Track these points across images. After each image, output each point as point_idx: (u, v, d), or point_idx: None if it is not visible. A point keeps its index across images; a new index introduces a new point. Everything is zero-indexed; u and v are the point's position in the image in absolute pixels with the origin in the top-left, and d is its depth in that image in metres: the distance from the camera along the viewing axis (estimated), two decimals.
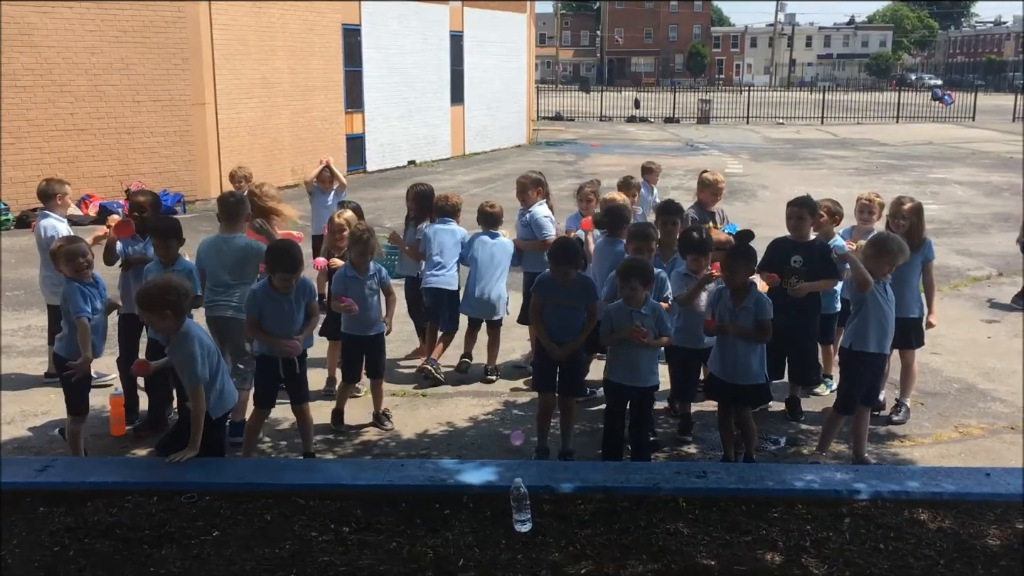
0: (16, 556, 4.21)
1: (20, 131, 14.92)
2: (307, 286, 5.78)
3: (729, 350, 5.60)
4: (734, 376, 5.60)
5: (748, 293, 5.58)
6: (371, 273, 6.41)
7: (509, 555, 4.21)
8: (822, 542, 4.32)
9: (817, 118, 41.94)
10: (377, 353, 6.58)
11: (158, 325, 5.04)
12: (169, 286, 5.00)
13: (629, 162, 22.36)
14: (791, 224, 6.46)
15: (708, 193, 7.88)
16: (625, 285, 5.50)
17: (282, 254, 5.63)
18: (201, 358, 4.96)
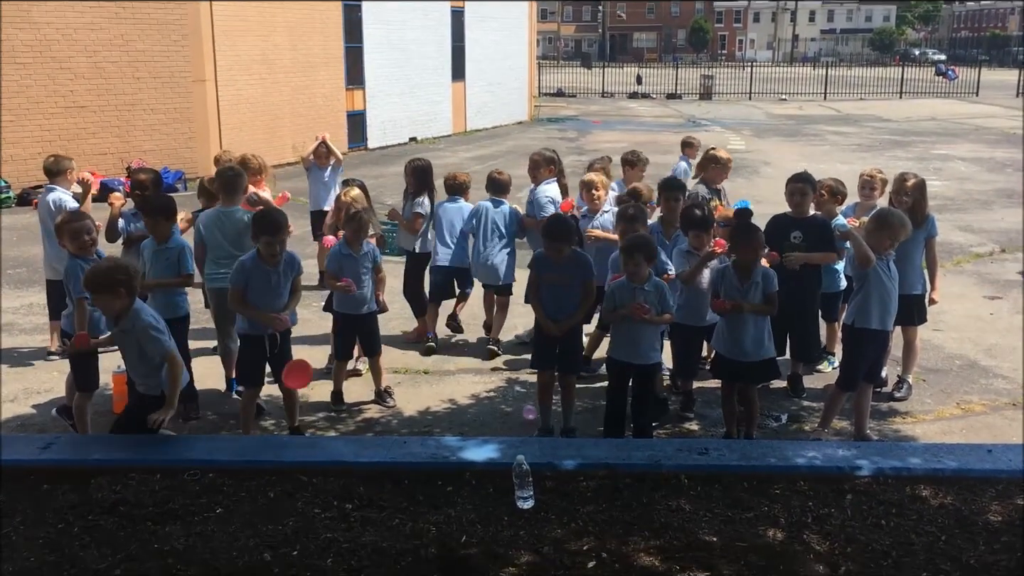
0: (20, 533, 4.23)
1: (20, 108, 14.86)
2: (295, 260, 5.78)
3: (741, 328, 5.57)
4: (750, 354, 5.59)
5: (754, 269, 5.57)
6: (365, 251, 6.41)
7: (512, 531, 4.22)
8: (824, 518, 4.34)
9: (820, 94, 41.72)
10: (371, 331, 6.59)
11: (113, 306, 4.91)
12: (117, 266, 4.99)
13: (631, 138, 22.30)
14: (791, 200, 6.45)
15: (717, 170, 7.88)
16: (629, 261, 5.48)
17: (264, 216, 5.75)
18: (159, 327, 4.95)
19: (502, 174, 7.81)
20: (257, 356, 5.75)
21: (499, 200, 7.71)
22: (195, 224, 6.69)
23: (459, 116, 26.28)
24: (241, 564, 3.93)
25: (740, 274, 5.57)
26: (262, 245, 5.58)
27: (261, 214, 5.90)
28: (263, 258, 5.60)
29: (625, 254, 5.54)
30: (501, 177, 7.76)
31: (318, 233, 9.73)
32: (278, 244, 5.57)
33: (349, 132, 21.20)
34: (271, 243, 5.55)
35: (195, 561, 3.95)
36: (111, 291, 4.84)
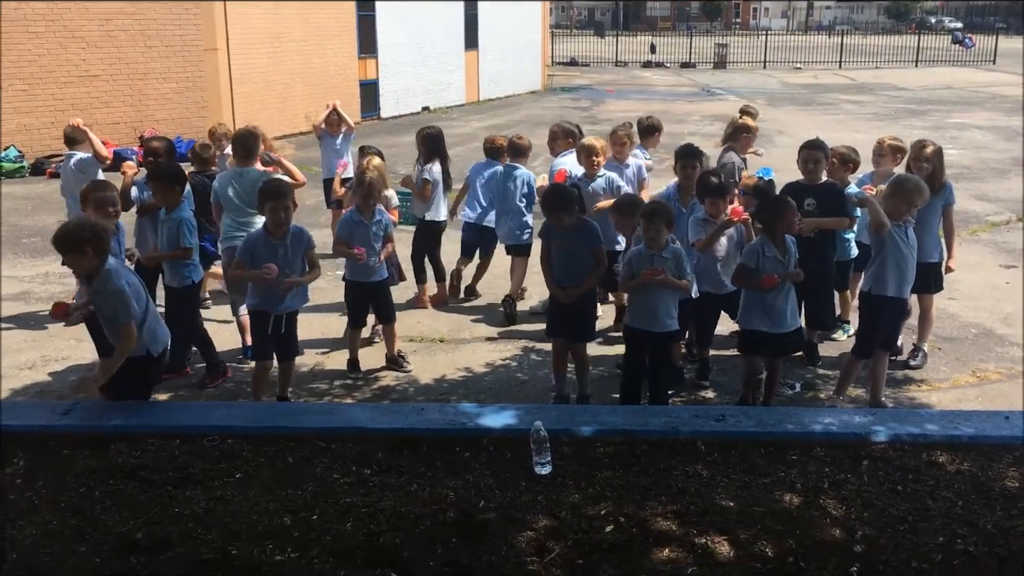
0: (43, 497, 4.28)
1: (33, 78, 14.86)
2: (303, 234, 5.71)
3: (783, 301, 5.57)
4: (788, 325, 5.62)
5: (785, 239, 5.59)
6: (376, 219, 6.41)
7: (529, 497, 4.24)
8: (840, 484, 4.34)
9: (835, 63, 41.24)
10: (383, 299, 6.60)
11: (80, 265, 4.89)
12: (84, 223, 4.94)
13: (645, 107, 22.12)
14: (804, 167, 6.42)
15: (748, 139, 7.97)
16: (650, 226, 5.46)
17: (267, 184, 5.80)
18: (128, 298, 4.85)
19: (522, 139, 8.06)
20: (264, 332, 5.72)
21: (515, 165, 7.88)
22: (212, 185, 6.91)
23: (472, 85, 26.14)
24: (261, 528, 3.96)
25: (780, 247, 5.55)
26: (267, 212, 5.56)
27: (264, 183, 5.93)
28: (270, 231, 5.58)
29: (645, 219, 5.52)
30: (521, 142, 8.01)
31: (331, 201, 9.76)
32: (282, 211, 5.52)
33: (362, 101, 21.12)
34: (275, 208, 5.50)
35: (215, 525, 3.99)
36: (77, 250, 4.79)
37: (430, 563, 3.72)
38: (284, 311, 5.69)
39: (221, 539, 3.87)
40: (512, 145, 8.01)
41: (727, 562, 3.72)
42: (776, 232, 5.53)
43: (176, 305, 6.30)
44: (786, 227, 5.56)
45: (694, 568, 3.67)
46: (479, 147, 8.45)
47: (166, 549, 3.80)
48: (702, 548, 3.81)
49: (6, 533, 3.95)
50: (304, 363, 6.69)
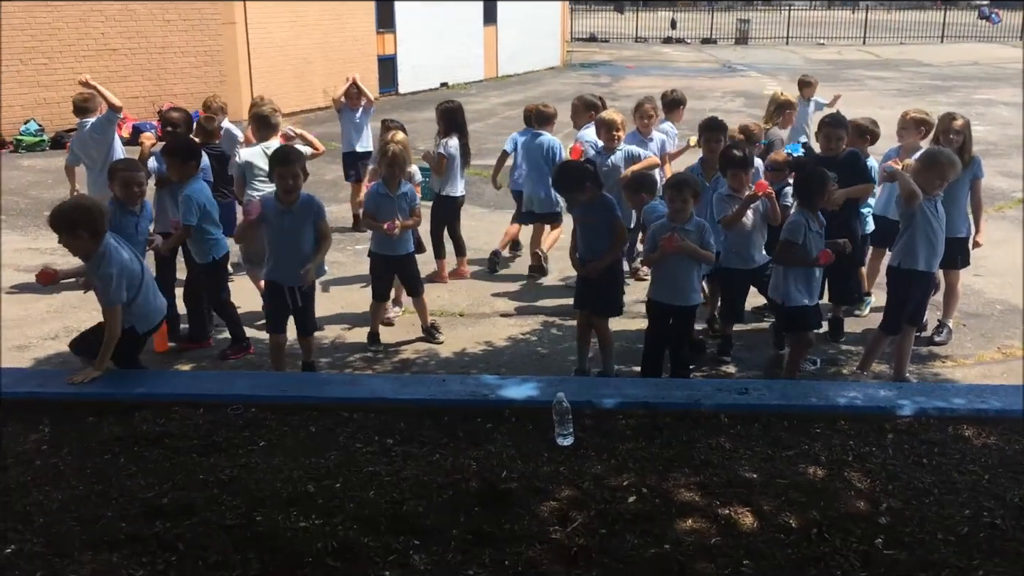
0: (68, 463, 4.31)
1: (52, 51, 14.89)
2: (312, 203, 5.65)
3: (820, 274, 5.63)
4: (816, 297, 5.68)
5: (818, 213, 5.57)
6: (402, 192, 6.39)
7: (551, 467, 4.24)
8: (865, 457, 4.31)
9: (859, 38, 40.70)
10: (410, 272, 6.59)
11: (75, 247, 4.94)
12: (78, 206, 4.96)
13: (665, 83, 21.88)
14: (826, 144, 6.37)
15: (791, 115, 8.01)
16: (676, 197, 5.43)
17: (276, 151, 5.82)
18: (118, 279, 4.89)
19: (548, 107, 8.23)
20: (279, 304, 5.68)
21: (540, 132, 8.01)
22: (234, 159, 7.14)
23: (491, 61, 25.99)
24: (285, 495, 3.98)
25: (818, 221, 5.51)
26: (276, 178, 5.53)
27: (274, 150, 5.96)
28: (280, 198, 5.55)
29: (673, 189, 5.49)
30: (547, 110, 8.17)
31: (350, 173, 9.78)
32: (291, 177, 5.46)
33: (380, 77, 21.03)
34: (284, 175, 5.46)
35: (240, 492, 4.01)
36: (71, 233, 4.84)
37: (453, 531, 3.72)
38: (298, 284, 5.65)
39: (246, 505, 3.89)
40: (538, 113, 8.14)
41: (751, 533, 3.70)
42: (815, 206, 5.48)
43: (199, 280, 6.33)
44: (826, 201, 5.54)
45: (718, 538, 3.65)
46: (497, 123, 8.54)
47: (191, 515, 3.82)
48: (725, 519, 3.79)
49: (33, 498, 3.98)
50: (325, 336, 6.72)
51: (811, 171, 5.60)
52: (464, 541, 3.66)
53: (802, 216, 5.49)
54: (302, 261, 5.55)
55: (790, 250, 5.49)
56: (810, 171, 5.61)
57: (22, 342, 6.58)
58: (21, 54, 14.64)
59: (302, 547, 3.59)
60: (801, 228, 5.45)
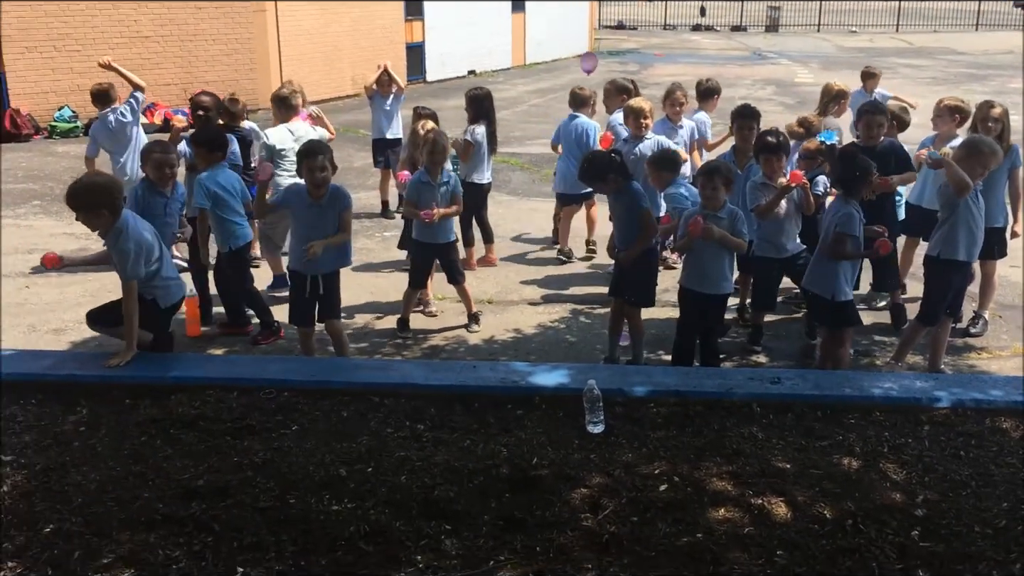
0: (106, 444, 4.37)
1: (86, 38, 15.02)
2: (339, 194, 5.60)
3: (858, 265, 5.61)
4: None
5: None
6: (444, 180, 6.39)
7: (582, 455, 4.24)
8: (900, 448, 4.27)
9: (892, 26, 40.17)
10: (451, 260, 6.60)
11: (95, 224, 5.01)
12: (95, 183, 5.01)
13: (694, 71, 21.75)
14: (867, 132, 6.29)
15: (845, 104, 7.87)
16: (707, 184, 5.40)
17: (303, 144, 5.80)
18: (136, 255, 4.95)
19: (583, 89, 8.26)
20: (302, 295, 5.65)
21: (576, 114, 8.06)
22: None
23: (519, 49, 25.90)
24: (318, 479, 4.00)
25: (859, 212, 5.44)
26: (304, 172, 5.50)
27: (303, 144, 5.95)
28: (309, 191, 5.51)
29: (704, 176, 5.46)
30: (583, 92, 8.20)
31: (379, 159, 9.84)
32: (318, 170, 5.42)
33: (408, 64, 21.03)
34: (312, 168, 5.42)
35: (273, 475, 4.04)
36: (91, 210, 4.92)
37: (484, 517, 3.73)
38: (320, 272, 5.59)
39: (279, 488, 3.92)
40: (573, 96, 8.23)
41: (784, 523, 3.68)
42: (859, 195, 5.41)
43: (223, 266, 6.37)
44: (870, 190, 5.48)
45: (751, 528, 3.64)
46: (525, 111, 8.56)
47: (226, 497, 3.85)
48: (758, 509, 3.77)
49: (71, 478, 4.04)
50: (354, 323, 6.75)
51: (855, 160, 5.48)
52: (495, 527, 3.67)
53: (851, 207, 5.36)
54: (331, 254, 5.54)
55: (846, 243, 5.33)
56: (854, 160, 5.49)
57: (58, 325, 6.66)
58: (55, 41, 14.78)
59: (335, 530, 3.61)
60: (855, 220, 5.31)
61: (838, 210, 5.39)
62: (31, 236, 8.91)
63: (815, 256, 5.56)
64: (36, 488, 3.95)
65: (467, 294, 6.71)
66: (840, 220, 5.33)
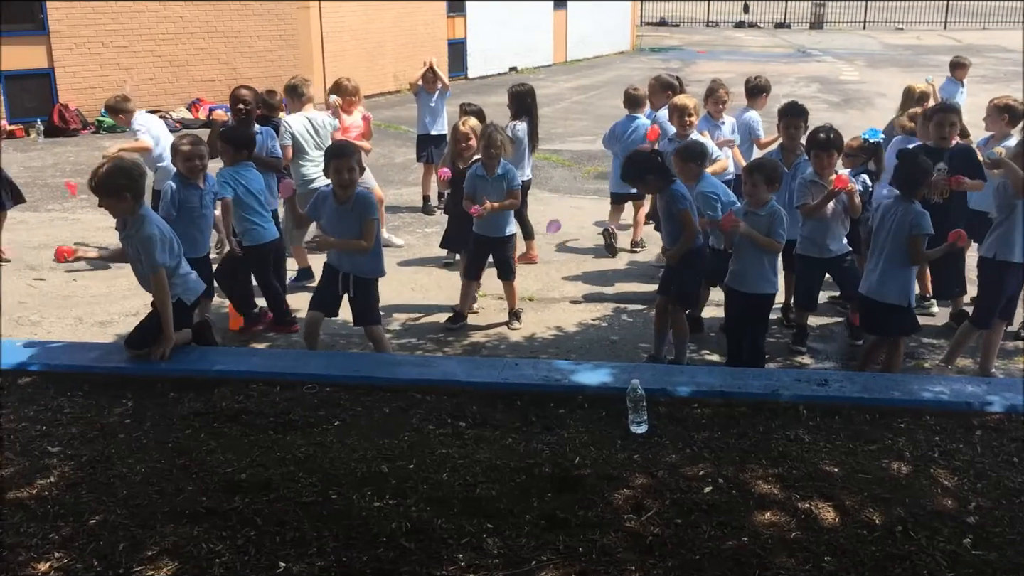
0: (151, 437, 4.41)
1: (133, 34, 15.22)
2: (365, 201, 5.45)
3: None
4: None
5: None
6: (500, 174, 6.37)
7: (625, 455, 4.19)
8: (952, 453, 4.17)
9: (939, 23, 39.45)
10: (503, 255, 6.58)
11: (117, 208, 5.02)
12: (119, 168, 4.99)
13: (737, 68, 21.56)
14: (937, 131, 6.14)
15: (927, 106, 7.56)
16: (747, 180, 5.36)
17: (332, 145, 5.78)
18: (161, 241, 4.95)
19: (638, 90, 8.26)
20: (331, 286, 5.58)
21: (635, 115, 8.07)
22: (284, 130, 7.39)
23: (560, 45, 25.82)
24: (359, 474, 4.00)
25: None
26: (332, 172, 5.41)
27: (329, 145, 5.91)
28: (336, 193, 5.45)
29: (745, 172, 5.43)
30: (637, 92, 8.20)
31: (422, 154, 9.90)
32: (346, 171, 5.34)
33: (450, 61, 21.02)
34: (339, 168, 5.33)
35: (315, 469, 4.04)
36: (115, 195, 4.92)
37: (526, 516, 3.70)
38: (351, 272, 5.51)
39: (321, 484, 3.92)
40: (628, 96, 8.24)
41: (832, 528, 3.61)
42: (920, 196, 5.27)
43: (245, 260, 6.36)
44: (938, 191, 5.36)
45: (797, 532, 3.57)
46: (566, 107, 8.55)
47: (269, 491, 3.87)
48: (805, 513, 3.70)
49: (117, 470, 4.08)
50: (396, 320, 6.76)
51: (914, 160, 5.32)
52: (537, 526, 3.64)
53: (916, 206, 5.18)
54: (358, 255, 5.47)
55: (922, 244, 5.17)
56: (913, 160, 5.33)
57: (104, 318, 6.75)
58: (103, 37, 14.99)
59: (376, 526, 3.61)
60: (927, 219, 5.14)
61: (903, 213, 5.18)
62: (78, 230, 9.04)
63: (879, 262, 5.29)
64: (82, 479, 4.00)
65: (513, 291, 6.69)
66: (913, 223, 5.13)
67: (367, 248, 5.44)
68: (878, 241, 5.31)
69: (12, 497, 3.87)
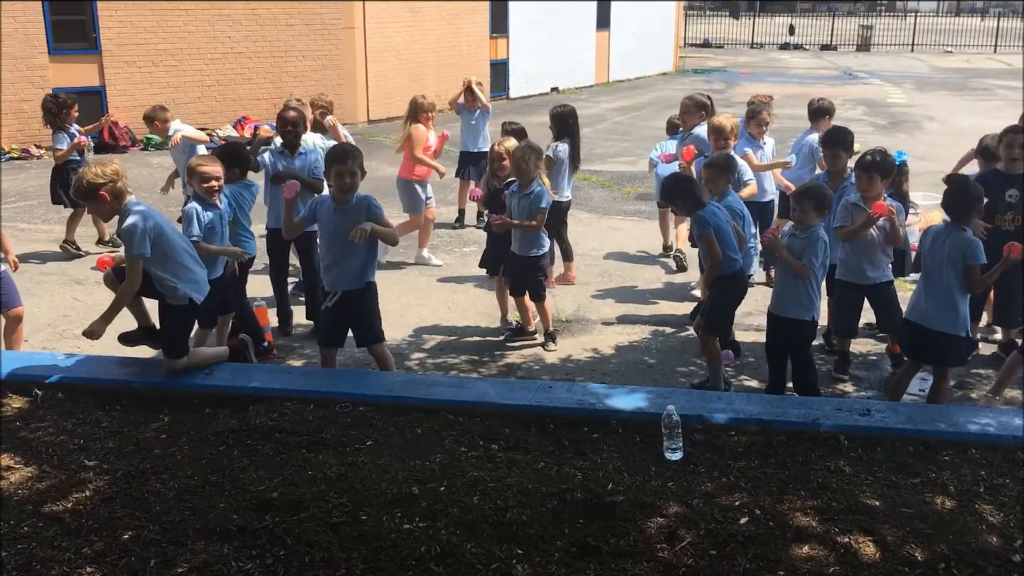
0: (185, 453, 4.43)
1: (182, 54, 15.52)
2: (367, 204, 5.24)
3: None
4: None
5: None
6: (527, 193, 6.36)
7: (659, 482, 4.12)
8: (998, 489, 4.04)
9: (989, 46, 38.89)
10: (530, 275, 6.55)
11: (101, 210, 5.09)
12: (95, 171, 4.93)
13: (782, 91, 21.39)
14: (1008, 154, 5.99)
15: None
16: (796, 206, 5.29)
17: (334, 147, 5.63)
18: (142, 232, 4.85)
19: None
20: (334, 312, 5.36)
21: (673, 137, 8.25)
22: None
23: (602, 66, 25.85)
24: (390, 496, 3.98)
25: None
26: (333, 176, 5.25)
27: (332, 147, 5.79)
28: (334, 197, 5.31)
29: (794, 198, 5.35)
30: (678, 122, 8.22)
31: (461, 171, 10.10)
32: (348, 175, 5.18)
33: (492, 81, 21.15)
34: (341, 173, 5.18)
35: (347, 489, 4.03)
36: (93, 197, 4.93)
37: (557, 542, 3.65)
38: (341, 288, 5.29)
39: (352, 504, 3.90)
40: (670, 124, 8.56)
41: (872, 564, 3.50)
42: (969, 221, 5.11)
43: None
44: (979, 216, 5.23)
45: (836, 568, 3.47)
46: (607, 128, 8.55)
47: (299, 510, 3.86)
48: (844, 547, 3.60)
49: (151, 486, 4.10)
50: (432, 340, 6.75)
51: (963, 185, 5.16)
52: (568, 553, 3.58)
53: (967, 234, 5.02)
54: (357, 265, 5.25)
55: (979, 272, 5.00)
56: (964, 186, 5.16)
57: None
58: (153, 56, 15.30)
59: (405, 549, 3.57)
60: (980, 248, 4.99)
61: (956, 241, 5.01)
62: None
63: (929, 288, 5.14)
64: (116, 494, 4.03)
65: (546, 312, 6.65)
66: (967, 253, 4.97)
67: (397, 238, 5.50)
68: (927, 267, 5.18)
69: (47, 510, 3.91)
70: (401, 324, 7.01)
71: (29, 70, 14.33)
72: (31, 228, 10.01)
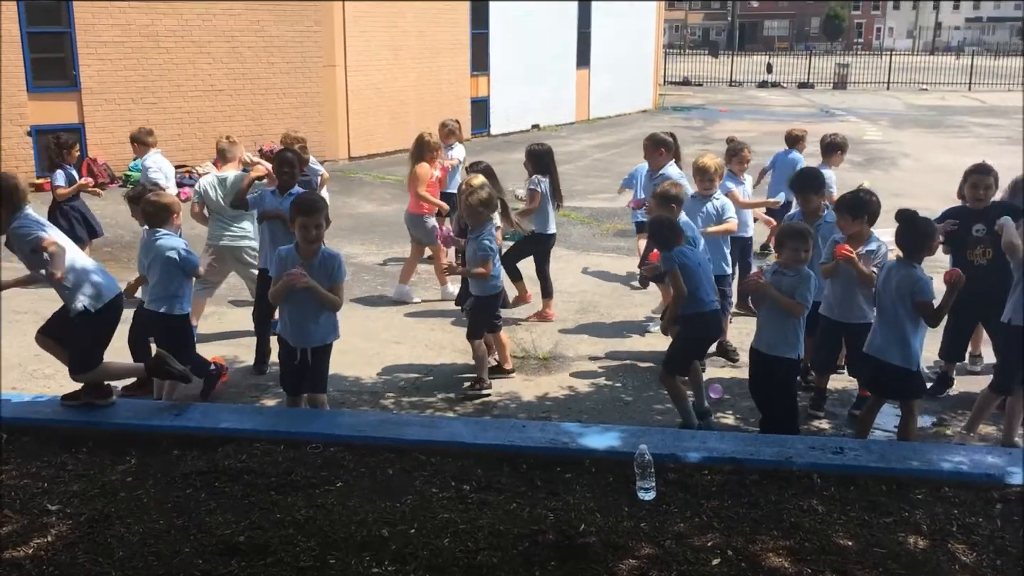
0: (151, 496, 4.35)
1: (163, 91, 15.52)
2: (332, 261, 5.15)
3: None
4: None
5: None
6: (476, 235, 6.44)
7: (632, 523, 4.08)
8: (971, 527, 4.03)
9: (964, 84, 39.54)
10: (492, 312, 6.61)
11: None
12: None
13: (760, 128, 21.66)
14: (973, 193, 6.09)
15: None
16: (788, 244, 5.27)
17: (299, 198, 5.48)
18: (32, 227, 4.91)
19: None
20: (290, 363, 5.30)
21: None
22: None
23: (583, 103, 26.06)
24: (359, 539, 3.92)
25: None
26: (299, 228, 5.10)
27: (297, 196, 5.65)
28: (299, 249, 5.14)
29: (780, 237, 5.39)
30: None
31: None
32: (314, 227, 5.06)
33: (472, 118, 21.29)
34: (307, 225, 5.05)
35: (315, 533, 3.97)
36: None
37: None
38: (308, 346, 5.21)
39: (320, 548, 3.84)
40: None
41: None
42: (919, 259, 5.16)
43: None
44: (930, 252, 5.25)
45: None
46: (588, 165, 8.59)
47: (266, 554, 3.79)
48: None
49: (115, 530, 4.02)
50: (406, 377, 6.71)
51: (913, 222, 5.19)
52: None
53: (918, 271, 5.06)
54: (318, 321, 5.16)
55: (931, 307, 5.03)
56: (912, 222, 5.19)
57: None
58: (133, 94, 15.30)
59: None
60: (929, 284, 5.02)
61: (906, 277, 5.05)
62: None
63: (884, 323, 5.19)
64: (79, 539, 3.95)
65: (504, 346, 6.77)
66: (915, 289, 5.00)
67: (339, 306, 5.21)
68: (881, 302, 5.21)
69: (7, 557, 3.82)
70: (378, 362, 6.97)
71: (7, 107, 14.29)
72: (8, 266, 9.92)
